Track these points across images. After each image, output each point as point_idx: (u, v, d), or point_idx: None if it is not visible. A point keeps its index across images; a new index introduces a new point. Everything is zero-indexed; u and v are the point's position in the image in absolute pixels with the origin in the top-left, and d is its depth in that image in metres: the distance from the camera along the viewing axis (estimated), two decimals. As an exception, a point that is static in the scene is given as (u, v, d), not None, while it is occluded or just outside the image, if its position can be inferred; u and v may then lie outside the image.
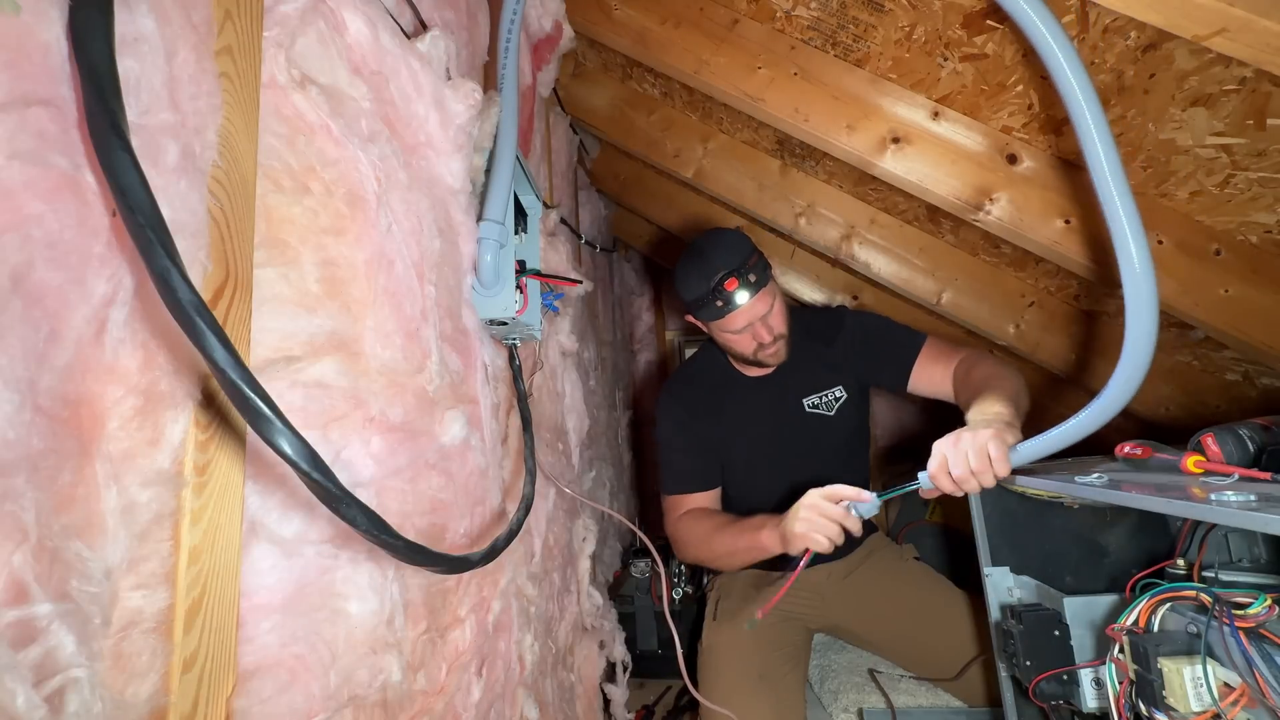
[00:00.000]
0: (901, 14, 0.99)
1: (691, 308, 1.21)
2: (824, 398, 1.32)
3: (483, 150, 0.83)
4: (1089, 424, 0.74)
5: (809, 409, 1.31)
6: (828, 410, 1.32)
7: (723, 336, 1.23)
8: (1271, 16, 0.65)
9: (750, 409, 1.32)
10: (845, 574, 1.34)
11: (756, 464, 1.32)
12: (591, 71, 1.68)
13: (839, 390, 1.32)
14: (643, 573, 1.75)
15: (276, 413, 0.32)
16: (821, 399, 1.32)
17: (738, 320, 1.16)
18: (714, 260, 1.15)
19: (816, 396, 1.32)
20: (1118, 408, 0.71)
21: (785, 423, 1.31)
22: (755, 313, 1.16)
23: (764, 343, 1.19)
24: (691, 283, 1.17)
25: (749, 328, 1.18)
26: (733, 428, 1.31)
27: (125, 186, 0.30)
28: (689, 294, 1.19)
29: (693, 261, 1.18)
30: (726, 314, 1.15)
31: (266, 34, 0.49)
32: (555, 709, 1.06)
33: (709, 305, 1.16)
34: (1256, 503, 0.53)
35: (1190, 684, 0.56)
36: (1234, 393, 1.29)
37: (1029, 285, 1.51)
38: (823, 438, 1.31)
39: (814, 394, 1.32)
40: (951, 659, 1.15)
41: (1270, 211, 0.93)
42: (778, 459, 1.31)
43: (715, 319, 1.18)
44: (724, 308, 1.14)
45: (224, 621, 0.40)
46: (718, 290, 1.13)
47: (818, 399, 1.32)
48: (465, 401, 0.75)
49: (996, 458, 0.80)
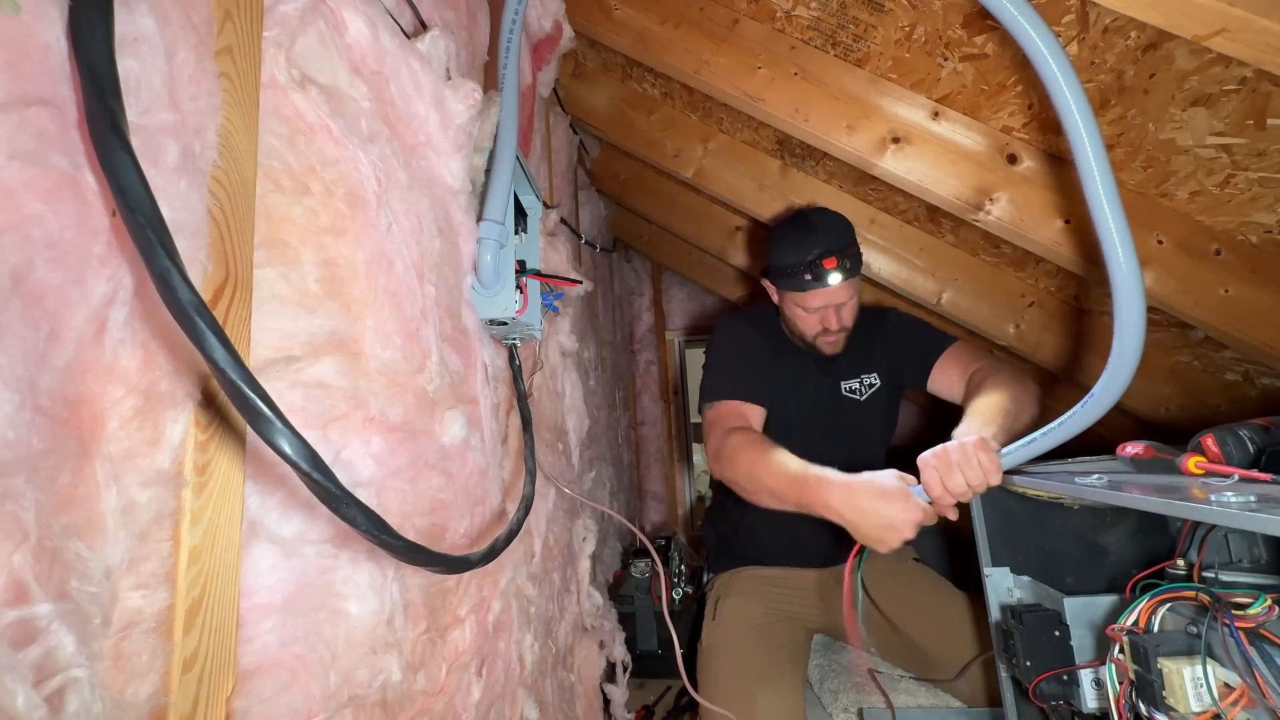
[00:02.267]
0: (901, 14, 0.99)
1: (776, 273, 1.21)
2: (860, 383, 1.33)
3: (483, 150, 0.83)
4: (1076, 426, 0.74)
5: (845, 392, 1.33)
6: (860, 395, 1.33)
7: (793, 310, 1.23)
8: (1271, 16, 0.65)
9: (791, 378, 1.32)
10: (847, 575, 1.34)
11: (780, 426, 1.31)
12: (591, 71, 1.68)
13: (873, 378, 1.34)
14: (643, 573, 1.75)
15: (276, 413, 0.32)
16: (857, 384, 1.33)
17: (817, 299, 1.17)
18: (819, 235, 1.16)
19: (855, 381, 1.33)
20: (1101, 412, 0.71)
21: (821, 400, 1.32)
22: (836, 298, 1.17)
23: (829, 329, 1.20)
24: (789, 250, 1.17)
25: (822, 310, 1.19)
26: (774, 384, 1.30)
27: (125, 186, 0.30)
28: (781, 259, 1.19)
29: (796, 230, 1.19)
30: (811, 289, 1.16)
31: (266, 34, 0.49)
32: (555, 709, 1.06)
33: (797, 276, 1.16)
34: (1256, 503, 0.53)
35: (1190, 684, 0.56)
36: (1234, 393, 1.29)
37: (1029, 285, 1.51)
38: (850, 421, 1.32)
39: (852, 379, 1.33)
40: (951, 660, 1.15)
41: (1270, 211, 0.93)
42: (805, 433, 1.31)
43: (796, 290, 1.18)
44: (811, 282, 1.15)
45: (224, 621, 0.40)
46: (814, 265, 1.14)
47: (855, 384, 1.33)
48: (465, 401, 0.75)
49: (989, 466, 0.81)
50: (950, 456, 0.83)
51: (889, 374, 1.34)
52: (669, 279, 2.97)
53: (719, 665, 1.21)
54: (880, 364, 1.34)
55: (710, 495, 1.65)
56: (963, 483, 0.81)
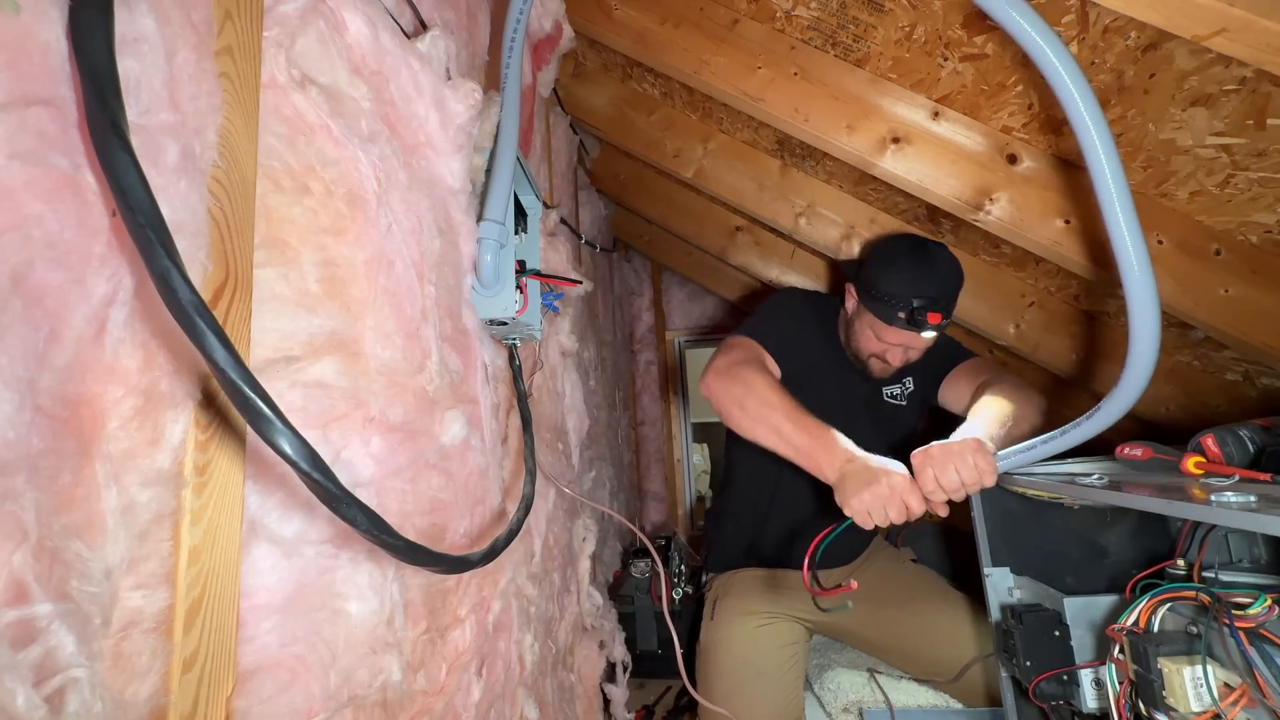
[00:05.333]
0: (901, 14, 0.99)
1: (870, 292, 1.14)
2: (901, 388, 1.33)
3: (483, 150, 0.83)
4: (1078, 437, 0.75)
5: (886, 397, 1.33)
6: (901, 401, 1.33)
7: (863, 329, 1.19)
8: (1271, 16, 0.64)
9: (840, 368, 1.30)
10: (844, 577, 1.34)
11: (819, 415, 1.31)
12: (591, 71, 1.68)
13: (910, 382, 1.33)
14: (643, 573, 1.75)
15: (276, 413, 0.32)
16: (898, 389, 1.33)
17: (897, 337, 1.13)
18: (938, 282, 1.10)
19: (897, 386, 1.33)
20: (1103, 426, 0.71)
21: (863, 399, 1.31)
22: (915, 344, 1.15)
23: (889, 363, 1.18)
24: (899, 279, 1.11)
25: (894, 346, 1.16)
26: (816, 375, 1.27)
27: (125, 186, 0.30)
28: (885, 283, 1.12)
29: (915, 262, 1.12)
30: (896, 327, 1.11)
31: (266, 34, 0.49)
32: (555, 709, 1.06)
33: (889, 308, 1.10)
34: (1256, 503, 0.53)
35: (1190, 684, 0.56)
36: (1234, 393, 1.29)
37: (1029, 285, 1.51)
38: (888, 427, 1.31)
39: (895, 384, 1.33)
40: (950, 661, 1.15)
41: (1270, 211, 0.93)
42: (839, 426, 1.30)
43: (879, 318, 1.13)
44: (903, 322, 1.10)
45: (224, 621, 0.40)
46: (918, 311, 1.08)
47: (897, 389, 1.33)
48: (465, 401, 0.75)
49: (985, 467, 0.81)
50: (945, 453, 0.84)
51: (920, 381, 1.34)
52: (669, 279, 2.97)
53: (718, 665, 1.22)
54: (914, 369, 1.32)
55: (710, 495, 1.65)
56: (956, 480, 0.82)
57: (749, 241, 2.03)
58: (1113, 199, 0.63)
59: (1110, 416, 0.71)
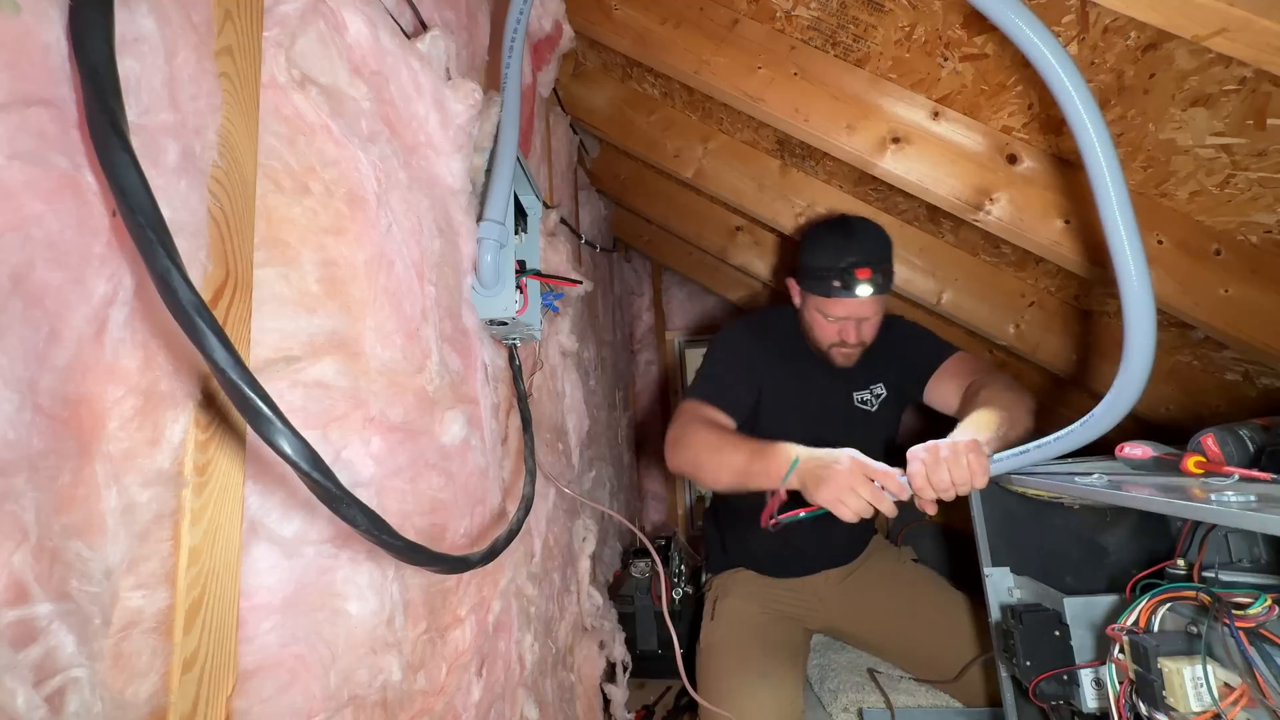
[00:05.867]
0: (901, 14, 0.99)
1: (804, 274, 1.20)
2: (870, 393, 1.33)
3: (483, 150, 0.83)
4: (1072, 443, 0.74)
5: (857, 403, 1.32)
6: (871, 406, 1.32)
7: (813, 316, 1.22)
8: (1271, 16, 0.65)
9: (805, 381, 1.30)
10: (843, 576, 1.34)
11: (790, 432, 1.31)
12: (591, 71, 1.68)
13: (880, 387, 1.33)
14: (643, 573, 1.75)
15: (276, 413, 0.32)
16: (868, 394, 1.33)
17: (841, 308, 1.16)
18: (858, 242, 1.15)
19: (866, 392, 1.33)
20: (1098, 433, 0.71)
21: (832, 407, 1.31)
22: (860, 311, 1.16)
23: (847, 342, 1.19)
24: (824, 252, 1.16)
25: (843, 321, 1.18)
26: (783, 388, 1.30)
27: (125, 186, 0.30)
28: (814, 260, 1.18)
29: (834, 234, 1.18)
30: (837, 297, 1.14)
31: (266, 34, 0.49)
32: (555, 709, 1.06)
33: (826, 280, 1.14)
34: (1256, 503, 0.53)
35: (1190, 684, 0.56)
36: (1234, 393, 1.29)
37: (1029, 285, 1.51)
38: (860, 431, 1.31)
39: (863, 389, 1.33)
40: (950, 661, 1.15)
41: (1270, 211, 0.93)
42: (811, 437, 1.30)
43: (822, 295, 1.16)
44: (840, 290, 1.13)
45: (224, 621, 0.40)
46: (846, 271, 1.12)
47: (866, 394, 1.33)
48: (465, 401, 0.75)
49: (976, 469, 0.81)
50: (940, 452, 0.84)
51: (895, 384, 1.33)
52: (669, 279, 2.97)
53: (718, 665, 1.21)
54: (887, 373, 1.33)
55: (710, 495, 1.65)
56: (947, 479, 0.82)
57: (749, 241, 2.03)
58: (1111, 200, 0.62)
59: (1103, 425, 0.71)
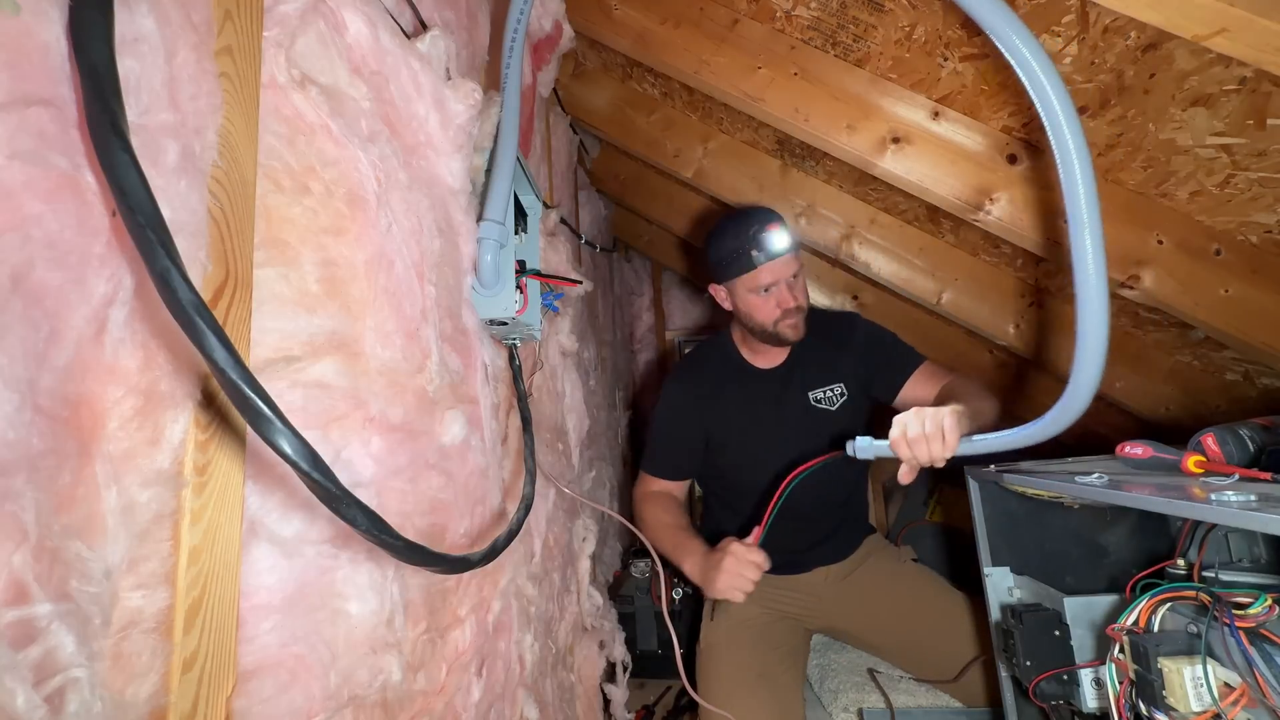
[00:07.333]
0: (901, 14, 0.99)
1: (721, 267, 1.23)
2: (828, 392, 1.33)
3: (483, 150, 0.83)
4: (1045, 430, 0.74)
5: (813, 402, 1.33)
6: (830, 405, 1.33)
7: (746, 301, 1.24)
8: (1271, 16, 0.65)
9: (755, 397, 1.33)
10: (843, 576, 1.34)
11: (754, 449, 1.33)
12: (591, 71, 1.68)
13: (841, 388, 1.33)
14: (643, 573, 1.75)
15: (276, 413, 0.32)
16: (825, 393, 1.33)
17: (766, 274, 1.18)
18: (753, 215, 1.19)
19: (821, 391, 1.33)
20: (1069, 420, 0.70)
21: (788, 412, 1.32)
22: (785, 270, 1.19)
23: (788, 308, 1.20)
24: (726, 239, 1.20)
25: (775, 288, 1.20)
26: (734, 413, 1.33)
27: (125, 186, 0.30)
28: (722, 250, 1.21)
29: (730, 221, 1.22)
30: (759, 264, 1.17)
31: (266, 34, 0.49)
32: (555, 709, 1.06)
33: (742, 257, 1.18)
34: (1257, 503, 0.53)
35: (1190, 684, 0.56)
36: (1234, 393, 1.29)
37: (1029, 285, 1.51)
38: (823, 431, 1.32)
39: (820, 388, 1.33)
40: (950, 661, 1.15)
41: (1270, 211, 0.93)
42: (776, 447, 1.31)
43: (745, 272, 1.19)
44: (759, 256, 1.16)
45: (224, 621, 0.40)
46: (755, 238, 1.16)
47: (822, 393, 1.33)
48: (465, 401, 0.75)
49: (949, 428, 0.85)
50: (921, 409, 0.89)
51: (857, 385, 1.34)
52: (669, 279, 2.97)
53: (718, 665, 1.22)
54: (848, 375, 1.34)
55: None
56: (919, 429, 0.86)
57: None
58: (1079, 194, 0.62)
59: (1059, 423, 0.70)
